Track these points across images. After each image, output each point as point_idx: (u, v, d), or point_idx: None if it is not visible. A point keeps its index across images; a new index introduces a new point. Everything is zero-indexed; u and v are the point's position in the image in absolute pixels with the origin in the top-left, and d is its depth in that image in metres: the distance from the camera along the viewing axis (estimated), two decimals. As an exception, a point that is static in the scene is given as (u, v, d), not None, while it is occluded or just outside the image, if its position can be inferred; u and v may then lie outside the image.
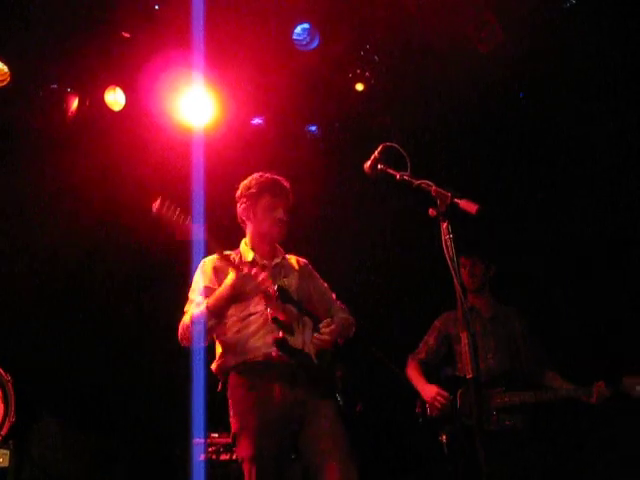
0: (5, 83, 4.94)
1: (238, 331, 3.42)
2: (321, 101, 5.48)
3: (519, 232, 5.66)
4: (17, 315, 5.24)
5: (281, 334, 3.32)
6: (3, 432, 4.40)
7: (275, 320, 3.36)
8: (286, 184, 3.64)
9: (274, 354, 3.34)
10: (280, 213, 3.56)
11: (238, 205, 3.67)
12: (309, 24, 5.07)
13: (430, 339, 4.90)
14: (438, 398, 4.54)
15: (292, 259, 3.70)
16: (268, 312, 3.38)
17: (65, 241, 5.37)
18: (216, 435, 4.70)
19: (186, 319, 3.43)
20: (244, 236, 3.68)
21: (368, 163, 3.26)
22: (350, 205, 5.73)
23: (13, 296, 5.21)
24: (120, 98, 5.22)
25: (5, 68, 4.91)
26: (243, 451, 3.26)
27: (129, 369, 5.56)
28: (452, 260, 2.88)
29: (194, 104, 5.21)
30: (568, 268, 5.64)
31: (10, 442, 4.29)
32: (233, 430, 3.36)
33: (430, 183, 3.02)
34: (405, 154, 3.14)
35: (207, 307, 3.35)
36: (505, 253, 5.45)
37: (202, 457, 4.66)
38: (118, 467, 5.47)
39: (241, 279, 3.30)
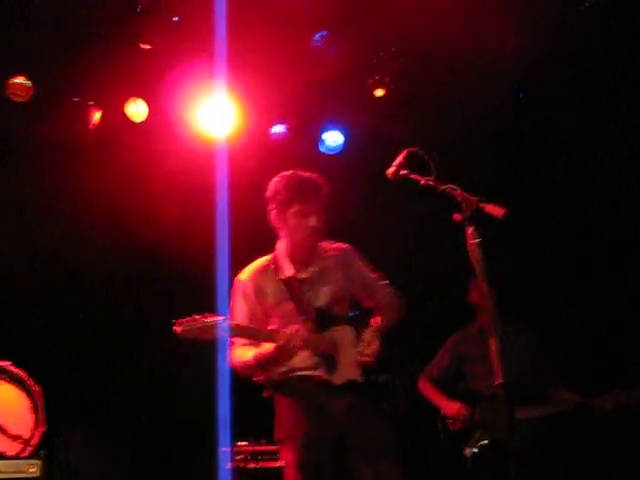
0: (29, 97, 5.01)
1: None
2: (342, 107, 5.49)
3: (519, 232, 5.65)
4: (28, 316, 5.32)
5: (323, 376, 3.33)
6: (35, 442, 4.44)
7: (316, 355, 3.36)
8: (318, 182, 3.46)
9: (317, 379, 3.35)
10: (312, 220, 3.39)
11: (268, 208, 3.50)
12: (327, 31, 5.09)
13: (443, 358, 5.03)
14: (462, 412, 4.63)
15: (331, 253, 3.54)
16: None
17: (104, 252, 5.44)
18: (245, 443, 4.70)
19: (234, 356, 3.41)
20: (272, 242, 3.58)
21: (391, 169, 3.22)
22: (373, 211, 5.73)
23: (19, 296, 5.28)
24: (142, 109, 5.27)
25: (29, 83, 4.99)
26: (287, 458, 3.30)
27: (129, 370, 5.59)
28: (479, 265, 2.88)
29: (216, 114, 5.23)
30: (568, 268, 5.63)
31: (41, 452, 4.33)
32: (278, 437, 3.40)
33: (455, 187, 3.01)
34: (429, 159, 3.13)
35: (255, 359, 3.32)
36: (506, 253, 5.45)
37: (230, 465, 4.66)
38: (136, 474, 5.48)
39: (283, 349, 3.23)
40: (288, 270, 3.46)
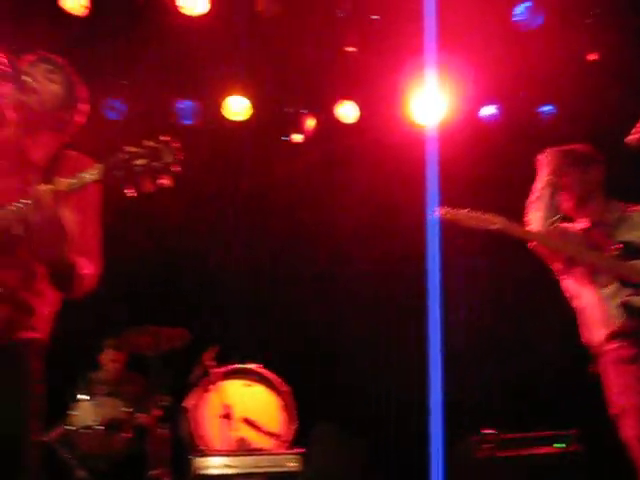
0: (249, 116, 5.32)
1: (599, 300, 3.24)
2: (553, 79, 5.23)
3: None
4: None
5: (625, 298, 3.13)
6: (287, 438, 4.68)
7: (623, 283, 3.18)
8: (565, 148, 3.42)
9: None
10: (565, 180, 3.35)
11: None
12: (531, 3, 4.91)
13: None
14: None
15: (633, 209, 3.41)
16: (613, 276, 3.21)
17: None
18: (492, 432, 4.64)
19: None
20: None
21: (634, 135, 3.03)
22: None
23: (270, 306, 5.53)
24: (352, 111, 5.40)
25: (248, 102, 5.29)
26: (628, 434, 3.10)
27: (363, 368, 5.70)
28: None
29: (426, 103, 5.22)
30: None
31: (298, 448, 4.56)
32: (614, 411, 3.17)
33: None
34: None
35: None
36: None
37: (477, 454, 4.61)
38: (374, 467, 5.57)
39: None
40: (583, 223, 3.40)
